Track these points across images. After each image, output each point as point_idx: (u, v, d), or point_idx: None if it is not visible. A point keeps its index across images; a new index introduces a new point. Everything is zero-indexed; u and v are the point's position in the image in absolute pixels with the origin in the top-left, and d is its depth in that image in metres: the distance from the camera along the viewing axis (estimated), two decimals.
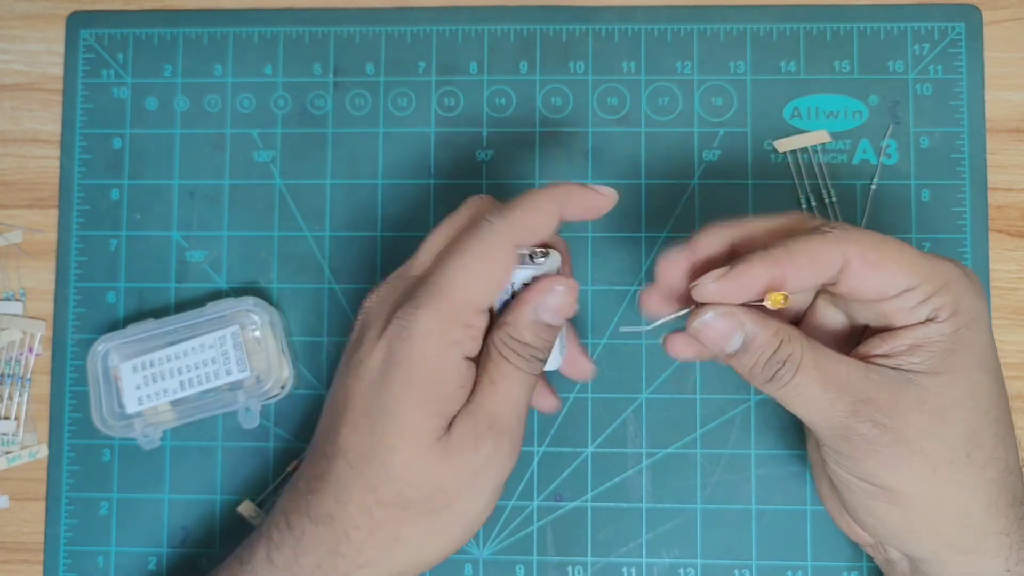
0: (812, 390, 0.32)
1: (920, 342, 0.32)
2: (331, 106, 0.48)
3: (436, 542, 0.35)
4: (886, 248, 0.32)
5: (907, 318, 0.32)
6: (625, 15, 0.47)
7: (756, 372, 0.33)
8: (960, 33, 0.47)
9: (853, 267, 0.32)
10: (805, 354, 0.32)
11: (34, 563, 0.46)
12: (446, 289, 0.33)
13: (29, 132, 0.48)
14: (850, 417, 0.32)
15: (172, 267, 0.47)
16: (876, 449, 0.32)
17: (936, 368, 0.32)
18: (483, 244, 0.34)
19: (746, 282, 0.32)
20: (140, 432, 0.44)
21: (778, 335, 0.32)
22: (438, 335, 0.33)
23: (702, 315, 0.33)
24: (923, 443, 0.32)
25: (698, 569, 0.45)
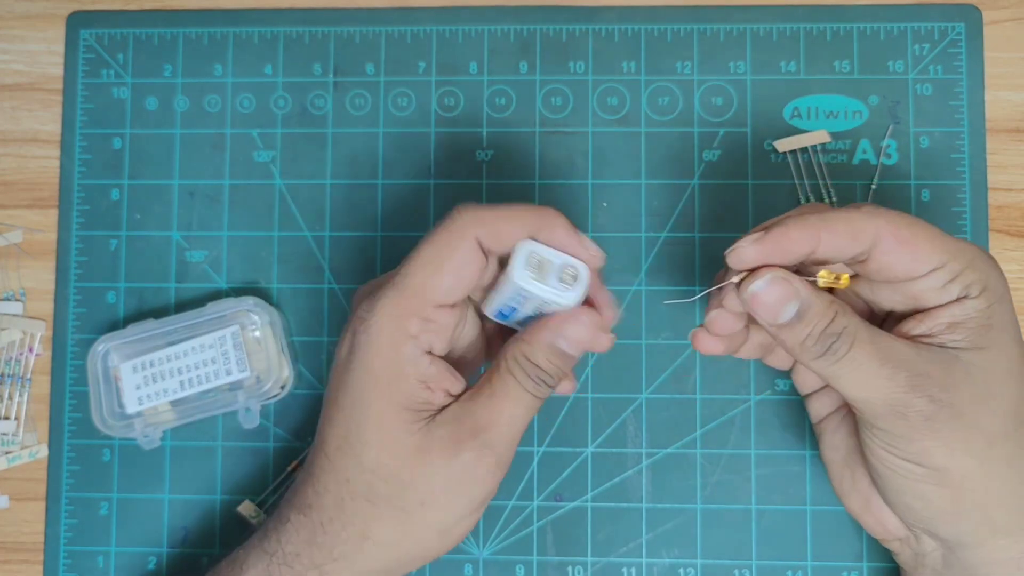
0: (870, 364, 0.32)
1: (958, 319, 0.32)
2: (331, 106, 0.48)
3: (409, 545, 0.35)
4: (917, 227, 0.32)
5: (939, 297, 0.32)
6: (625, 15, 0.47)
7: (809, 345, 0.32)
8: (960, 33, 0.47)
9: (885, 243, 0.31)
10: (860, 327, 0.32)
11: (34, 563, 0.46)
12: (404, 281, 0.34)
13: (29, 132, 0.48)
14: (909, 392, 0.31)
15: (172, 267, 0.47)
16: (933, 426, 0.32)
17: (978, 343, 0.32)
18: (443, 234, 0.34)
19: (785, 246, 0.32)
20: (140, 432, 0.44)
21: (833, 305, 0.32)
22: (393, 327, 0.33)
23: (755, 280, 0.32)
24: (978, 417, 0.32)
25: (698, 569, 0.45)
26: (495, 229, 0.33)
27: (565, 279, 0.34)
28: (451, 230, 0.34)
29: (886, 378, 0.32)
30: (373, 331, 0.34)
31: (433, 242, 0.34)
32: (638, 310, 0.46)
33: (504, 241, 0.34)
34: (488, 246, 0.34)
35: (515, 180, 0.47)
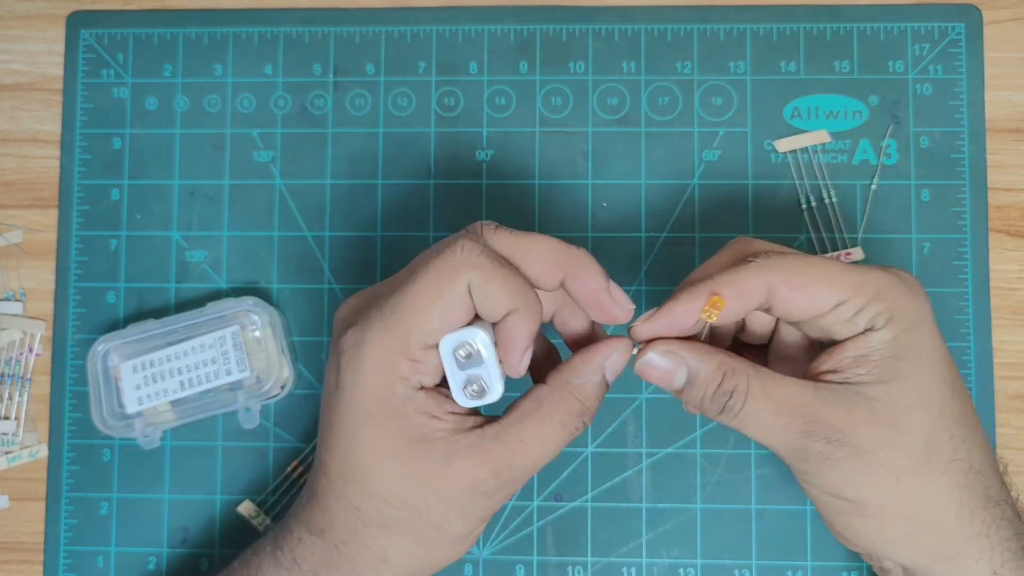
0: (763, 417, 0.32)
1: (863, 352, 0.32)
2: (331, 106, 0.48)
3: (426, 561, 0.35)
4: (810, 269, 0.32)
5: (846, 330, 0.33)
6: (625, 15, 0.47)
7: (706, 405, 0.33)
8: (960, 33, 0.47)
9: (780, 292, 0.32)
10: (752, 382, 0.33)
11: (34, 563, 0.46)
12: (392, 317, 0.32)
13: (29, 132, 0.48)
14: (804, 438, 0.32)
15: (172, 267, 0.47)
16: (834, 464, 0.32)
17: (882, 377, 0.32)
18: (437, 270, 0.32)
19: (674, 319, 0.33)
20: (140, 432, 0.44)
21: (720, 367, 0.33)
22: (382, 368, 0.32)
23: (644, 355, 0.33)
24: (880, 453, 0.32)
25: (698, 569, 0.45)
26: (486, 284, 0.32)
27: (471, 387, 0.33)
28: (447, 267, 0.32)
29: (782, 427, 0.32)
30: (363, 370, 0.32)
31: (426, 278, 0.32)
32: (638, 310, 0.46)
33: (487, 300, 0.32)
34: (474, 297, 0.32)
35: (515, 180, 0.47)
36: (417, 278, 0.32)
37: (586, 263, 0.33)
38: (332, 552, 0.34)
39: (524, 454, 0.33)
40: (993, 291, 0.46)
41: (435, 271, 0.32)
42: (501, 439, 0.33)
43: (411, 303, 0.32)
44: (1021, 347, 0.46)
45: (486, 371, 0.33)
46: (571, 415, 0.34)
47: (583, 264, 0.33)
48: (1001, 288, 0.46)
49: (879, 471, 0.32)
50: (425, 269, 0.32)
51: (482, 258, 0.32)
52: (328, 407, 0.34)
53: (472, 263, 0.32)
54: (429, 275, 0.32)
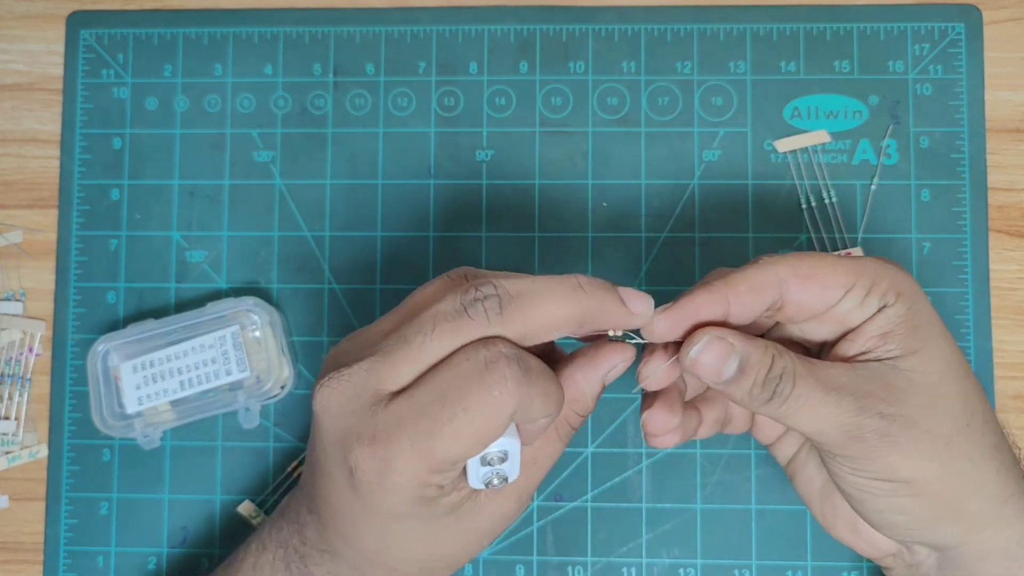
0: (815, 397, 0.32)
1: (884, 329, 0.33)
2: (331, 106, 0.48)
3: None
4: (814, 260, 0.33)
5: (862, 314, 0.33)
6: (625, 15, 0.47)
7: (756, 393, 0.32)
8: (960, 33, 0.47)
9: (790, 285, 0.32)
10: (798, 364, 0.32)
11: (34, 563, 0.46)
12: (426, 446, 0.29)
13: (29, 132, 0.48)
14: (858, 415, 0.32)
15: (172, 267, 0.47)
16: (890, 440, 0.32)
17: (910, 348, 0.33)
18: (484, 407, 0.29)
19: (689, 313, 0.32)
20: (140, 432, 0.44)
21: (768, 350, 0.32)
22: (412, 486, 0.30)
23: (693, 345, 0.32)
24: (929, 422, 0.32)
25: (698, 569, 0.45)
26: (528, 411, 0.30)
27: (490, 484, 0.32)
28: (494, 402, 0.29)
29: (833, 406, 0.32)
30: (388, 486, 0.30)
31: (469, 414, 0.29)
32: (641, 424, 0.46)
33: (528, 418, 0.31)
34: (515, 420, 0.31)
35: (515, 180, 0.47)
36: (456, 411, 0.29)
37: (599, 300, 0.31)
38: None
39: (538, 473, 0.34)
40: (993, 291, 0.46)
41: (478, 406, 0.29)
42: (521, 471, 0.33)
43: (452, 442, 0.29)
44: (1021, 347, 0.46)
45: (510, 467, 0.32)
46: (572, 427, 0.34)
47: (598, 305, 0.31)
48: (1001, 288, 0.46)
49: (930, 442, 0.32)
50: (466, 401, 0.29)
51: (524, 386, 0.29)
52: (338, 502, 0.32)
53: (518, 394, 0.29)
54: (471, 411, 0.29)
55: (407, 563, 0.34)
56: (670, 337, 0.33)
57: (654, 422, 0.35)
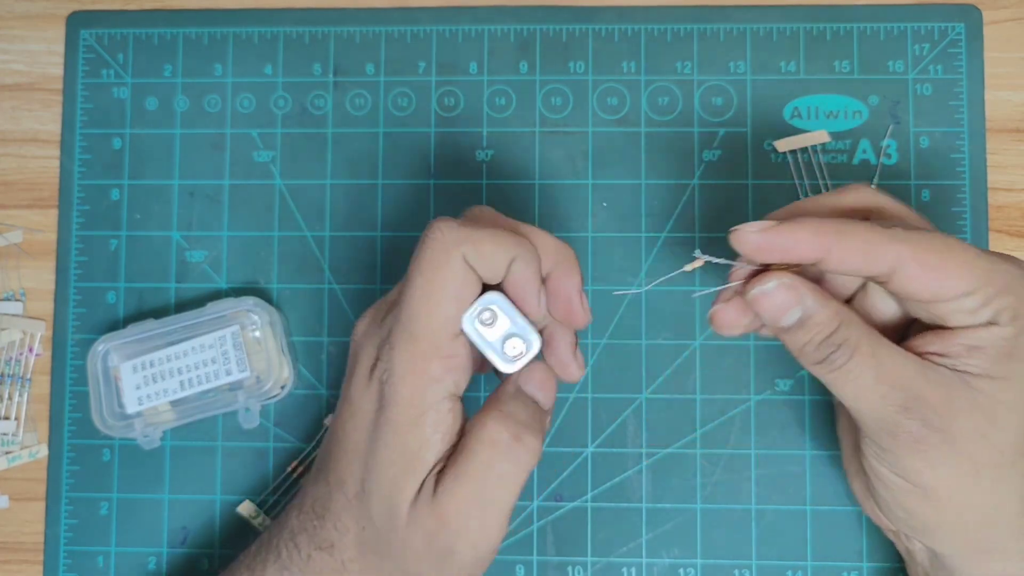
0: (865, 379, 0.31)
1: (979, 344, 0.31)
2: (331, 106, 0.48)
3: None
4: (947, 251, 0.30)
5: (965, 320, 0.31)
6: (625, 15, 0.47)
7: (808, 351, 0.32)
8: (960, 33, 0.47)
9: (908, 268, 0.30)
10: (863, 340, 0.31)
11: (34, 563, 0.46)
12: (410, 324, 0.32)
13: (29, 132, 0.48)
14: (901, 413, 0.31)
15: (172, 267, 0.47)
16: (922, 448, 0.31)
17: (993, 372, 0.31)
18: (429, 257, 0.32)
19: (788, 246, 0.31)
20: (140, 432, 0.44)
21: (837, 316, 0.31)
22: (416, 375, 0.32)
23: (763, 283, 0.31)
24: (971, 446, 0.31)
25: (698, 569, 0.45)
26: (478, 248, 0.32)
27: (508, 349, 0.33)
28: (435, 251, 0.32)
29: (880, 396, 0.31)
30: (398, 384, 0.32)
31: (422, 270, 0.32)
32: (638, 310, 0.46)
33: (486, 263, 0.32)
34: (475, 266, 0.32)
35: (515, 180, 0.47)
36: (414, 275, 0.32)
37: (573, 261, 0.33)
38: (340, 569, 0.34)
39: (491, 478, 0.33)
40: None
41: (427, 261, 0.32)
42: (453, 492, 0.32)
43: (420, 302, 0.32)
44: None
45: (516, 326, 0.33)
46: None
47: (571, 262, 0.33)
48: None
49: (962, 464, 0.31)
50: (417, 264, 0.32)
51: (464, 229, 0.32)
52: (356, 428, 0.34)
53: (456, 238, 0.32)
54: (423, 267, 0.32)
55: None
56: (756, 257, 0.32)
57: (721, 318, 0.34)
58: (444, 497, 0.32)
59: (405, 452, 0.32)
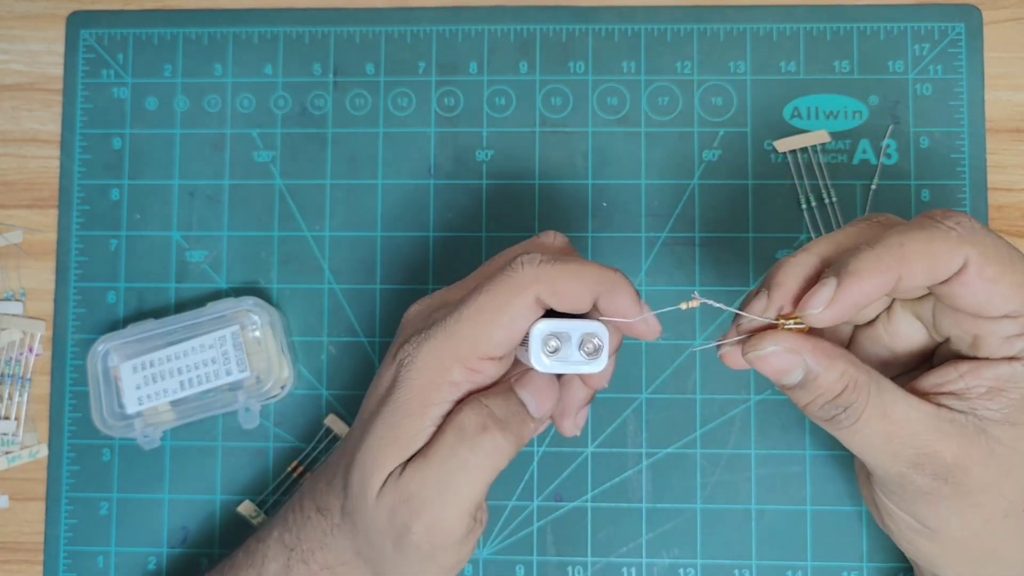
0: (874, 439, 0.30)
1: (1001, 384, 0.29)
2: (331, 106, 0.48)
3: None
4: (1006, 264, 0.28)
5: (997, 348, 0.30)
6: (625, 15, 0.47)
7: (813, 410, 0.31)
8: (960, 33, 0.47)
9: (967, 274, 0.28)
10: (871, 401, 0.30)
11: (34, 563, 0.46)
12: (455, 327, 0.32)
13: (29, 132, 0.48)
14: (911, 469, 0.30)
15: (172, 267, 0.47)
16: (930, 499, 0.31)
17: (1013, 418, 0.29)
18: (504, 286, 0.32)
19: (860, 299, 0.29)
20: (140, 432, 0.44)
21: (843, 378, 0.30)
22: (436, 370, 0.32)
23: (761, 347, 0.30)
24: (982, 497, 0.30)
25: (698, 569, 0.45)
26: (556, 288, 0.31)
27: (587, 349, 0.32)
28: (513, 283, 0.31)
29: (890, 454, 0.30)
30: (415, 372, 0.33)
31: (492, 292, 0.32)
32: None
33: (565, 301, 0.32)
34: (548, 303, 0.32)
35: (515, 180, 0.47)
36: (482, 292, 0.32)
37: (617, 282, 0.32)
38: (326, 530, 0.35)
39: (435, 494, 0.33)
40: None
41: (500, 286, 0.32)
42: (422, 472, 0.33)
43: (475, 316, 0.32)
44: None
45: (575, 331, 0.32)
46: (475, 420, 0.33)
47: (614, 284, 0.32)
48: None
49: (972, 512, 0.31)
50: (490, 283, 0.32)
51: (543, 267, 0.31)
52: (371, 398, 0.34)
53: (535, 275, 0.31)
54: (498, 289, 0.32)
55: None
56: (833, 323, 0.30)
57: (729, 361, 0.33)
58: (408, 476, 0.32)
59: (398, 436, 0.33)
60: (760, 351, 0.30)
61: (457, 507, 0.32)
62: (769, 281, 0.31)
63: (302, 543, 0.36)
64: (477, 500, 0.33)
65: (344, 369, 0.46)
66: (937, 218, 0.29)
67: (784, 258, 0.31)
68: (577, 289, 0.31)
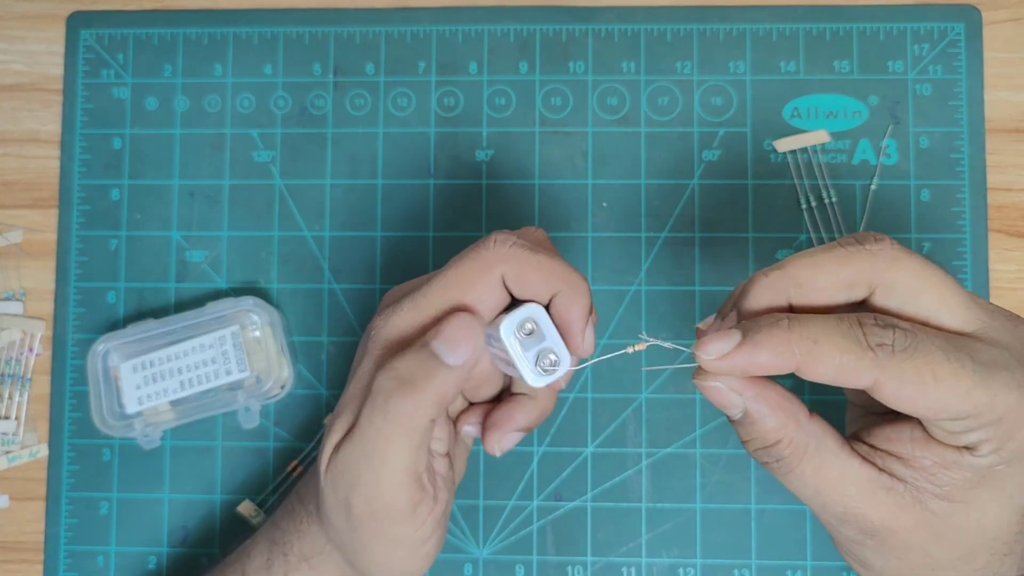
0: (804, 490, 0.30)
1: (946, 466, 0.29)
2: (331, 106, 0.48)
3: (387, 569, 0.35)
4: (930, 381, 0.27)
5: (942, 437, 0.29)
6: (625, 15, 0.47)
7: (749, 450, 0.31)
8: (959, 33, 0.47)
9: (885, 393, 0.28)
10: (805, 460, 0.29)
11: (34, 563, 0.46)
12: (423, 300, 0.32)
13: (29, 132, 0.48)
14: (838, 523, 0.30)
15: (172, 267, 0.47)
16: (854, 549, 0.31)
17: (953, 496, 0.29)
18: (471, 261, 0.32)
19: (750, 370, 0.28)
20: (140, 432, 0.44)
21: (779, 431, 0.29)
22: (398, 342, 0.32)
23: (713, 379, 0.30)
24: (908, 554, 0.30)
25: (698, 569, 0.45)
26: (522, 273, 0.32)
27: (542, 362, 0.32)
28: (480, 259, 0.32)
29: (819, 506, 0.30)
30: (379, 343, 0.33)
31: (460, 267, 0.32)
32: (638, 310, 0.46)
33: (527, 288, 0.32)
34: (511, 286, 0.32)
35: (515, 180, 0.47)
36: (451, 267, 0.33)
37: (582, 290, 0.32)
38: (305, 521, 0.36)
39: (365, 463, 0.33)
40: (993, 291, 0.46)
41: (468, 263, 0.32)
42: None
43: (442, 291, 0.32)
44: None
45: (551, 341, 0.32)
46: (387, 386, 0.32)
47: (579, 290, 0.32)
48: (1001, 288, 0.46)
49: (899, 563, 0.30)
50: (458, 260, 0.33)
51: (515, 249, 0.32)
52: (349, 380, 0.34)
53: (504, 255, 0.32)
54: (462, 266, 0.32)
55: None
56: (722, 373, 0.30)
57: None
58: (340, 451, 0.32)
59: (355, 407, 0.32)
60: (705, 381, 0.30)
61: (388, 476, 0.31)
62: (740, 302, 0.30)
63: (284, 536, 0.36)
64: (409, 466, 0.31)
65: (344, 369, 0.46)
66: (867, 325, 0.28)
67: (758, 274, 0.30)
68: (539, 279, 0.32)
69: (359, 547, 0.34)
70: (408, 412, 0.31)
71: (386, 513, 0.32)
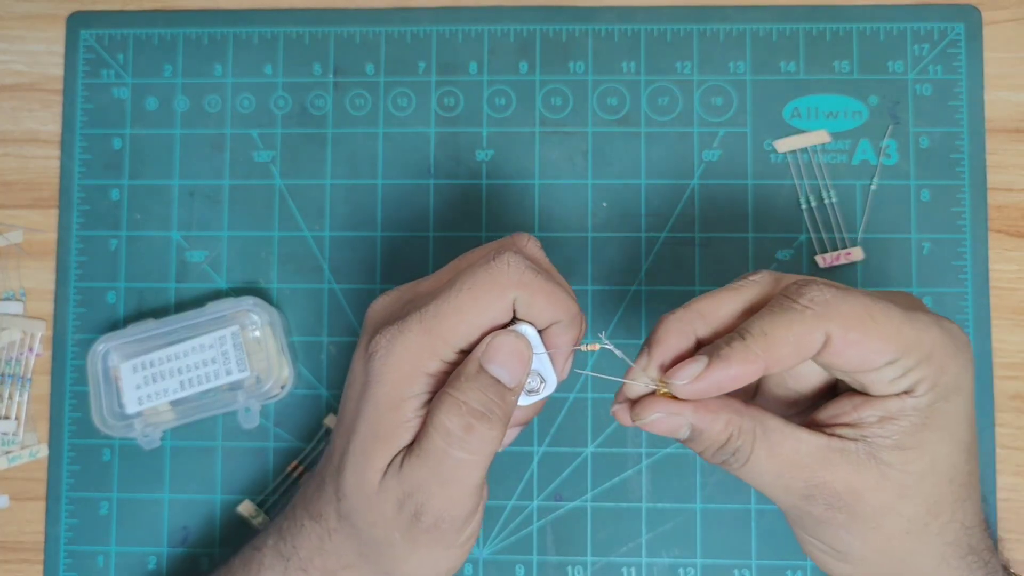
0: (765, 476, 0.31)
1: (892, 415, 0.31)
2: (331, 106, 0.48)
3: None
4: (870, 323, 0.30)
5: (883, 389, 0.31)
6: (625, 15, 0.47)
7: (707, 457, 0.32)
8: (959, 33, 0.47)
9: (834, 344, 0.30)
10: (757, 443, 0.31)
11: (34, 563, 0.46)
12: (433, 321, 0.32)
13: (29, 132, 0.48)
14: (803, 501, 0.31)
15: (172, 267, 0.47)
16: (826, 527, 0.32)
17: (904, 443, 0.31)
18: (485, 284, 0.32)
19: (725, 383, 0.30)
20: (140, 432, 0.44)
21: (727, 427, 0.31)
22: (410, 363, 0.32)
23: (645, 415, 0.32)
24: (879, 520, 0.31)
25: (698, 569, 0.45)
26: (533, 300, 0.32)
27: (530, 382, 0.34)
28: (495, 282, 0.32)
29: (782, 488, 0.31)
30: (389, 366, 0.32)
31: (474, 287, 0.32)
32: (638, 310, 0.46)
33: (531, 312, 0.32)
34: (516, 308, 0.33)
35: (515, 180, 0.47)
36: (462, 288, 0.32)
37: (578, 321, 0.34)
38: (324, 537, 0.35)
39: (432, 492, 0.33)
40: (993, 291, 0.46)
41: (482, 284, 0.32)
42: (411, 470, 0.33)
43: (454, 314, 0.32)
44: (1021, 347, 0.46)
45: (539, 363, 0.33)
46: (454, 420, 0.33)
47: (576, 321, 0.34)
48: (1001, 288, 0.46)
49: (873, 534, 0.32)
50: (472, 280, 0.32)
51: (528, 274, 0.32)
52: (350, 399, 0.34)
53: (519, 280, 0.32)
54: (476, 287, 0.32)
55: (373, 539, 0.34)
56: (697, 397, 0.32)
57: (620, 419, 0.34)
58: (407, 472, 0.32)
59: (381, 432, 0.33)
60: (645, 419, 0.32)
61: (462, 492, 0.33)
62: (651, 338, 0.32)
63: (298, 551, 0.35)
64: (479, 482, 0.33)
65: (344, 369, 0.46)
66: (792, 296, 0.31)
67: (665, 315, 0.32)
68: (547, 307, 0.32)
69: (407, 555, 0.34)
70: (489, 440, 0.32)
71: (451, 523, 0.33)
